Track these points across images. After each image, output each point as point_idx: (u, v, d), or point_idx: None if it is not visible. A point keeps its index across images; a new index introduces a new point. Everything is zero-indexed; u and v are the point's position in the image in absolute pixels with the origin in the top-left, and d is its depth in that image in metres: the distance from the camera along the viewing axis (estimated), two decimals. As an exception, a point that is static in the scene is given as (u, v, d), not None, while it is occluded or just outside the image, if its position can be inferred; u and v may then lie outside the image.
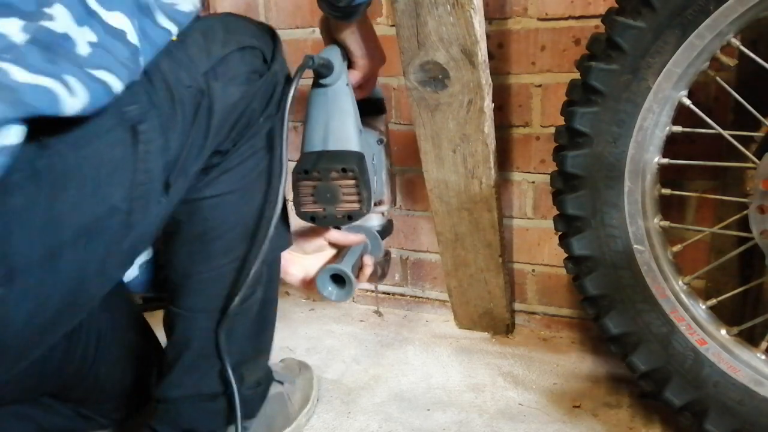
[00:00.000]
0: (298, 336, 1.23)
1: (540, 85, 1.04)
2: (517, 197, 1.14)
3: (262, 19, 1.21)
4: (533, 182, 1.12)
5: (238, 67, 0.67)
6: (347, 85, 0.80)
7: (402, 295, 1.34)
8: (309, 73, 0.75)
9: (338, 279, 0.82)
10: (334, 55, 0.79)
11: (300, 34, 1.20)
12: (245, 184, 0.73)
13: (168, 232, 0.72)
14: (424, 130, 0.97)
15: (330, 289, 0.82)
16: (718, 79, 0.76)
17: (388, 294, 1.35)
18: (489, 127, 0.94)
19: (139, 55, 0.57)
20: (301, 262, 0.89)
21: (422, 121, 0.97)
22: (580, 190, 0.81)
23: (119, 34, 0.56)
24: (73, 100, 0.50)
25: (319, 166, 0.76)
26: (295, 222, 0.86)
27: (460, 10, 0.83)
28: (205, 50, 0.65)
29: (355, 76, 0.83)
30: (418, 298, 1.33)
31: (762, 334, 0.79)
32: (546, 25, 1.00)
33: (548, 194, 1.09)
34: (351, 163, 0.76)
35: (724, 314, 0.82)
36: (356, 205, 0.78)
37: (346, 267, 0.81)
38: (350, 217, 0.79)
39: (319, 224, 0.80)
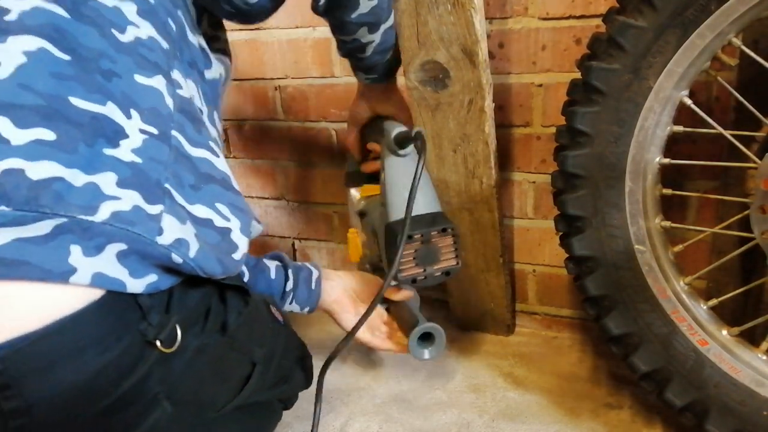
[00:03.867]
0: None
1: (541, 85, 1.04)
2: (518, 197, 1.14)
3: (262, 18, 1.21)
4: (534, 182, 1.11)
5: None
6: (415, 152, 0.84)
7: (402, 295, 1.34)
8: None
9: (424, 337, 0.84)
10: (400, 126, 0.82)
11: (300, 34, 1.19)
12: None
13: None
14: (425, 129, 0.97)
15: (425, 351, 0.85)
16: (719, 78, 0.76)
17: (389, 294, 1.35)
18: (490, 127, 0.94)
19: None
20: (355, 310, 0.93)
21: (423, 121, 0.96)
22: (580, 190, 0.81)
23: None
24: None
25: (421, 229, 0.78)
26: (348, 278, 0.94)
27: (460, 10, 0.83)
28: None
29: None
30: (419, 298, 1.33)
31: (763, 335, 0.79)
32: (547, 24, 1.00)
33: (549, 194, 1.09)
34: (449, 223, 0.80)
35: (725, 315, 0.82)
36: (454, 261, 0.81)
37: (430, 323, 0.83)
38: (448, 274, 0.81)
39: (418, 285, 0.82)
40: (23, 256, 0.47)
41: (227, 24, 0.76)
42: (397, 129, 0.81)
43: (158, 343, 0.55)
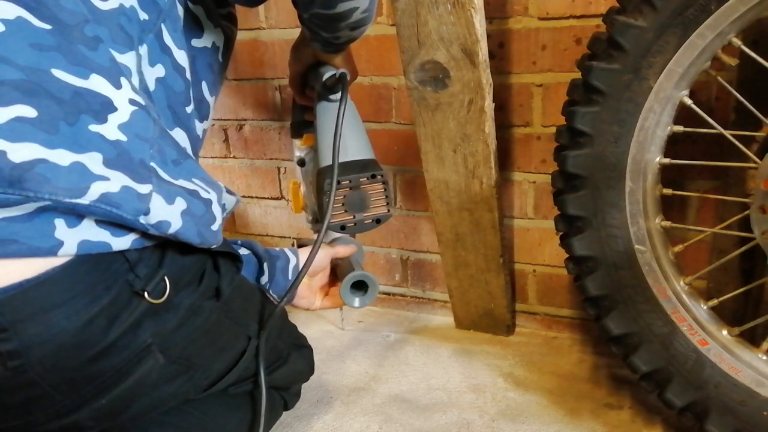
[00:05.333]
0: (298, 336, 1.23)
1: (541, 85, 1.04)
2: (518, 197, 1.14)
3: (262, 18, 1.21)
4: (534, 182, 1.11)
5: None
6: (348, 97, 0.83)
7: (402, 295, 1.34)
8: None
9: (357, 286, 0.84)
10: (331, 70, 0.81)
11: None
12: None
13: None
14: (425, 129, 0.97)
15: (357, 299, 0.84)
16: (719, 78, 0.76)
17: (388, 294, 1.35)
18: (490, 127, 0.94)
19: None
20: (309, 284, 0.91)
21: (423, 121, 0.96)
22: (581, 190, 0.81)
23: None
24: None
25: (350, 175, 0.77)
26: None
27: (460, 9, 0.83)
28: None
29: None
30: (419, 298, 1.33)
31: (763, 335, 0.79)
32: (547, 24, 1.00)
33: (549, 194, 1.09)
34: (379, 169, 0.79)
35: (725, 315, 0.82)
36: (384, 209, 0.81)
37: (363, 271, 0.83)
38: (378, 221, 0.81)
39: (348, 232, 0.81)
40: (11, 234, 0.49)
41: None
42: (327, 73, 0.80)
43: (146, 294, 0.57)
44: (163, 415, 0.71)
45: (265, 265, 0.88)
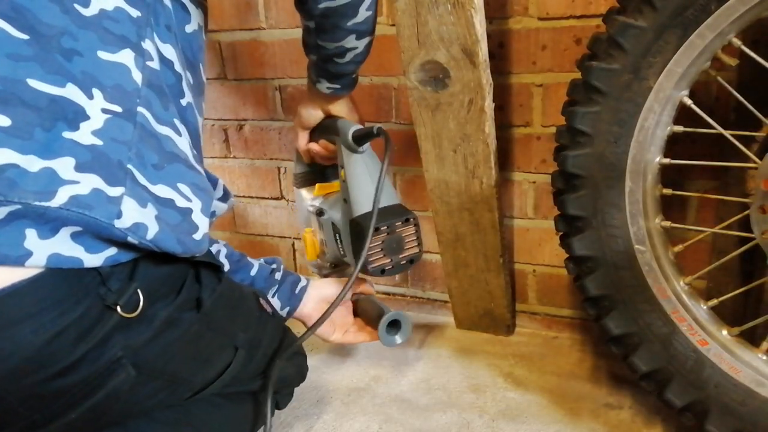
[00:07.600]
0: (298, 336, 1.23)
1: (541, 85, 1.04)
2: (518, 197, 1.14)
3: (262, 18, 1.21)
4: (534, 182, 1.11)
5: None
6: (371, 148, 0.87)
7: (402, 295, 1.34)
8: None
9: (390, 324, 0.87)
10: (354, 125, 0.85)
11: (299, 34, 1.19)
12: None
13: None
14: (425, 129, 0.97)
15: (393, 337, 0.88)
16: (719, 78, 0.76)
17: (388, 294, 1.35)
18: (490, 127, 0.94)
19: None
20: (331, 320, 0.90)
21: (422, 121, 0.96)
22: (581, 190, 0.81)
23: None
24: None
25: (387, 221, 0.81)
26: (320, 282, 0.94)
27: (460, 10, 0.83)
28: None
29: None
30: (419, 298, 1.33)
31: (763, 335, 0.79)
32: (547, 24, 1.00)
33: (549, 194, 1.09)
34: (410, 213, 0.83)
35: (725, 315, 0.82)
36: (416, 249, 0.85)
37: (395, 311, 0.87)
38: (412, 261, 0.85)
39: (387, 275, 0.84)
40: None
41: (226, 22, 0.76)
42: (353, 127, 0.83)
43: (118, 308, 0.56)
44: None
45: (282, 266, 0.91)
